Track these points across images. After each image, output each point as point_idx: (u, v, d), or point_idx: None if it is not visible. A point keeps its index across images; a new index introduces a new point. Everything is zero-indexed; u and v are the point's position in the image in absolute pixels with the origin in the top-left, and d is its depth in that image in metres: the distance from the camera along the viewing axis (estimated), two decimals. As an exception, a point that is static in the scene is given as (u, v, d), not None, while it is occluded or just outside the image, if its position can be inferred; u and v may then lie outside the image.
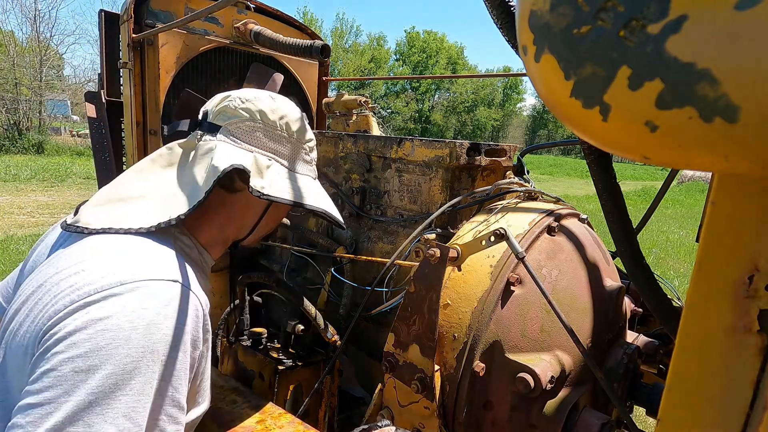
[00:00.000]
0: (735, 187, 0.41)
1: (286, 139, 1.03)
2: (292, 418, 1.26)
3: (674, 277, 6.46)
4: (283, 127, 1.02)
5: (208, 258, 1.02)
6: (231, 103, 0.99)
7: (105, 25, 2.26)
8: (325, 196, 1.11)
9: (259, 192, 0.92)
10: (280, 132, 1.01)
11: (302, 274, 1.74)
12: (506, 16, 0.74)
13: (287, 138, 1.03)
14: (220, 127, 0.98)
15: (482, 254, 1.11)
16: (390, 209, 1.48)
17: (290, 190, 1.00)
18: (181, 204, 0.90)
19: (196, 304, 0.81)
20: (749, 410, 0.41)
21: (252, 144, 0.98)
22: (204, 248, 1.00)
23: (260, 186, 0.93)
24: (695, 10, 0.31)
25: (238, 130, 0.98)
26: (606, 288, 1.17)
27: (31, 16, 21.59)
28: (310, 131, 1.11)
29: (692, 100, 0.31)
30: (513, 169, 1.48)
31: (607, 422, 1.01)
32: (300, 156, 1.07)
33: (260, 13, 2.53)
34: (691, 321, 0.44)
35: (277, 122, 1.01)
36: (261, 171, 0.96)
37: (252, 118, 0.99)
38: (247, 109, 0.99)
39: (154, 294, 0.76)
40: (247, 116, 0.98)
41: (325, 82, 2.89)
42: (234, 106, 0.99)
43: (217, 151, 0.94)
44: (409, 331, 1.07)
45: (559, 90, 0.38)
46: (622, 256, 0.80)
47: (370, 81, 40.15)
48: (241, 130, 0.98)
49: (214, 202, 0.99)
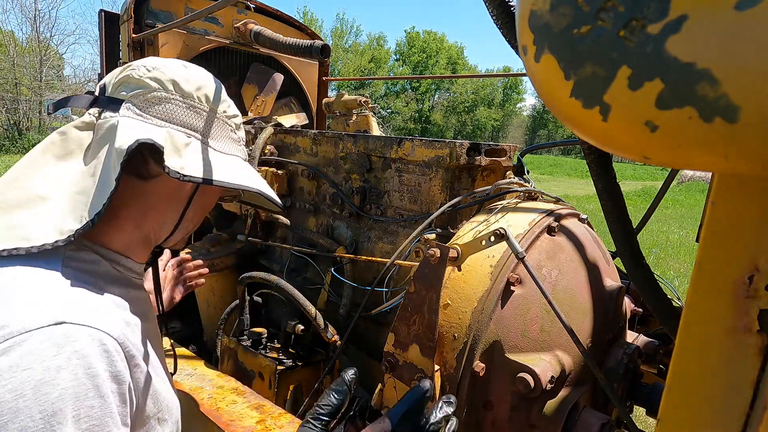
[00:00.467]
0: (735, 187, 0.41)
1: (207, 113, 0.88)
2: (292, 418, 1.26)
3: (674, 277, 6.46)
4: (202, 99, 0.87)
5: (131, 264, 0.86)
6: (134, 72, 0.83)
7: (105, 25, 2.26)
8: (259, 177, 0.97)
9: (178, 173, 0.76)
10: (198, 104, 0.86)
11: (302, 274, 1.74)
12: (506, 16, 0.74)
13: (208, 112, 0.88)
14: (123, 101, 0.81)
15: (482, 254, 1.11)
16: (390, 209, 1.48)
17: (217, 170, 0.84)
18: (88, 203, 0.74)
19: (99, 336, 0.67)
20: (749, 410, 0.41)
21: (164, 118, 0.82)
22: (121, 254, 0.84)
23: (179, 166, 0.77)
24: (695, 10, 0.31)
25: (145, 103, 0.82)
26: (606, 288, 1.17)
27: (31, 16, 21.63)
28: (234, 106, 0.96)
29: (692, 100, 0.31)
30: (513, 169, 1.48)
31: (607, 422, 1.01)
32: (225, 133, 0.92)
33: (260, 13, 2.53)
34: (691, 321, 0.44)
35: (194, 93, 0.86)
36: (178, 149, 0.80)
37: (163, 87, 0.83)
38: (156, 78, 0.83)
39: (34, 349, 0.61)
40: (155, 86, 0.82)
41: (325, 82, 2.89)
42: (138, 75, 0.82)
43: (120, 128, 0.77)
44: (409, 331, 1.07)
45: (559, 90, 0.38)
46: (622, 256, 0.80)
47: (370, 81, 40.14)
48: (150, 102, 0.82)
49: (124, 194, 0.82)
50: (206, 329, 1.99)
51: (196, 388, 1.41)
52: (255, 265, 1.86)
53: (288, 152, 1.80)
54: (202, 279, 1.45)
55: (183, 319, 2.13)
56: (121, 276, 0.83)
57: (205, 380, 1.46)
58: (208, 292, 1.90)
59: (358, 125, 2.30)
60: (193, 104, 0.86)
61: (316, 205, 1.71)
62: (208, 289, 1.89)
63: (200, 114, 0.87)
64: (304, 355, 1.49)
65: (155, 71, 0.83)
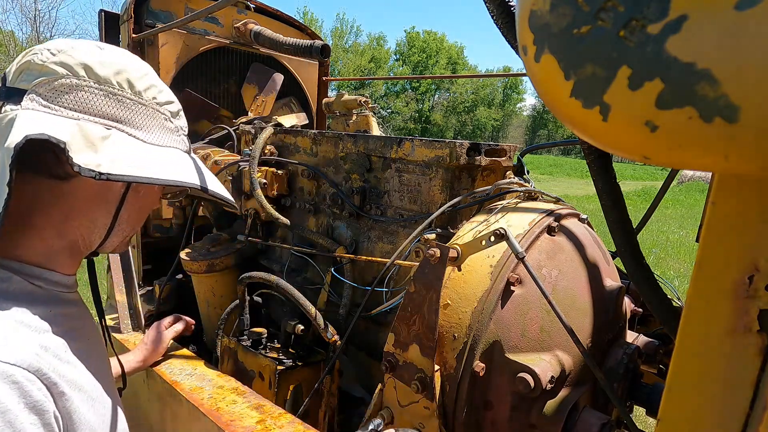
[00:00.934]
0: (735, 187, 0.41)
1: (131, 101, 0.77)
2: (292, 418, 1.26)
3: (674, 277, 6.47)
4: (123, 85, 0.76)
5: (56, 277, 0.77)
6: (36, 57, 0.72)
7: (105, 25, 2.26)
8: (203, 170, 0.87)
9: (92, 171, 0.67)
10: (118, 91, 0.76)
11: (302, 274, 1.74)
12: (506, 16, 0.74)
13: (132, 99, 0.77)
14: (26, 91, 0.71)
15: (482, 254, 1.11)
16: (390, 209, 1.48)
17: (144, 165, 0.74)
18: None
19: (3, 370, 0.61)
20: (749, 410, 0.41)
21: (76, 109, 0.72)
22: (42, 267, 0.75)
23: (94, 163, 0.68)
24: (695, 10, 0.31)
25: (53, 92, 0.71)
26: (606, 288, 1.17)
27: (31, 16, 21.62)
28: (168, 91, 0.86)
29: (692, 100, 0.31)
30: (513, 169, 1.48)
31: (607, 422, 1.01)
32: (157, 123, 0.82)
33: (260, 13, 2.53)
34: (691, 321, 0.44)
35: (112, 78, 0.75)
36: (92, 143, 0.70)
37: (72, 73, 0.72)
38: (62, 62, 0.72)
39: None
40: (63, 72, 0.72)
41: (325, 82, 2.89)
42: (41, 60, 0.72)
43: (16, 123, 0.66)
44: (409, 331, 1.07)
45: (559, 90, 0.38)
46: (622, 256, 0.80)
47: (370, 81, 40.14)
48: (57, 91, 0.71)
49: (39, 199, 0.73)
50: (206, 329, 1.99)
51: (196, 388, 1.41)
52: (255, 265, 1.86)
53: (288, 152, 1.80)
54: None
55: (183, 319, 2.14)
56: (43, 293, 0.75)
57: (205, 380, 1.46)
58: (208, 292, 1.90)
59: (358, 125, 2.30)
60: (112, 91, 0.75)
61: (316, 205, 1.71)
62: (208, 289, 1.89)
63: (122, 102, 0.76)
64: (304, 355, 1.48)
65: (61, 55, 0.73)
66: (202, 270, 1.80)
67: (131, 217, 0.85)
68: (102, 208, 0.80)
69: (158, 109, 0.82)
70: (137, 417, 1.66)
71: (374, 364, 1.47)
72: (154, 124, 0.81)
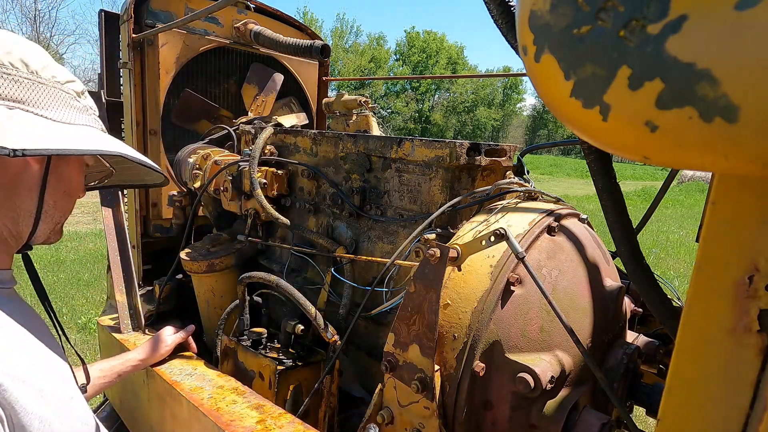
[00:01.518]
0: (735, 187, 0.41)
1: (29, 80, 0.75)
2: (292, 418, 1.26)
3: (674, 277, 6.47)
4: (17, 65, 0.75)
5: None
6: None
7: (105, 25, 2.26)
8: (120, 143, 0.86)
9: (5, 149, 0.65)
10: (12, 71, 0.74)
11: (302, 274, 1.74)
12: (506, 16, 0.74)
13: (30, 79, 0.75)
14: None
15: (482, 254, 1.11)
16: (390, 209, 1.48)
17: (59, 139, 0.73)
18: None
19: None
20: (749, 410, 0.41)
21: None
22: None
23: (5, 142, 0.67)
24: (695, 10, 0.31)
25: None
26: (606, 288, 1.17)
27: (31, 16, 21.65)
28: (66, 71, 0.84)
29: (692, 100, 0.31)
30: (513, 169, 1.48)
31: (607, 422, 1.00)
32: (63, 101, 0.80)
33: (260, 13, 2.53)
34: (691, 321, 0.44)
35: (3, 59, 0.74)
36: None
37: None
38: None
39: None
40: None
41: (325, 82, 2.89)
42: None
43: None
44: (409, 331, 1.07)
45: (559, 90, 0.38)
46: (622, 256, 0.80)
47: (370, 81, 40.14)
48: None
49: None
50: (206, 329, 1.99)
51: (196, 388, 1.41)
52: (255, 265, 1.86)
53: (288, 152, 1.80)
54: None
55: (183, 319, 2.14)
56: None
57: (205, 380, 1.46)
58: (208, 292, 1.90)
59: (358, 125, 2.30)
60: (5, 72, 0.73)
61: (316, 205, 1.71)
62: (208, 289, 1.89)
63: (19, 82, 0.74)
64: (304, 355, 1.49)
65: None
66: (202, 270, 1.80)
67: (58, 202, 0.83)
68: (23, 194, 0.78)
69: (61, 89, 0.80)
70: (137, 417, 1.66)
71: (374, 364, 1.47)
72: (59, 103, 0.79)
